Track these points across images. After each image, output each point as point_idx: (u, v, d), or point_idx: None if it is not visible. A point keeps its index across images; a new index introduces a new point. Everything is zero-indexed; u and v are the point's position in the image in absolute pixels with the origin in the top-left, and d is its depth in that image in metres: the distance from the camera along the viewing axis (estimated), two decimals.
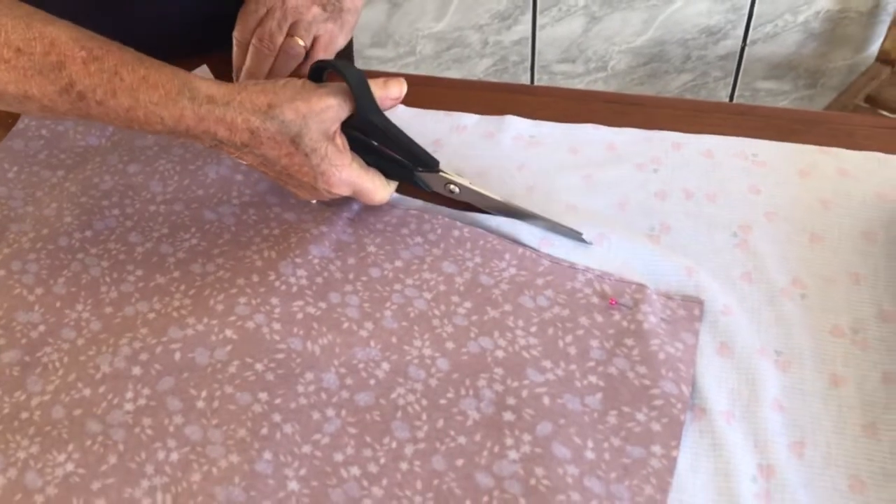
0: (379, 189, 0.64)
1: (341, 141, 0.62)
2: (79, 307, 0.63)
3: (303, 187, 0.63)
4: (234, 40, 0.72)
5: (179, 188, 0.71)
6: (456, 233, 0.66)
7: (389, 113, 0.63)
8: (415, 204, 0.69)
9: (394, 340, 0.60)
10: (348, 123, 0.62)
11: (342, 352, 0.59)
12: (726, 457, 0.53)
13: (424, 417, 0.56)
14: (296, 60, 0.71)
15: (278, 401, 0.56)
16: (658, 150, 0.71)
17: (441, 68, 1.86)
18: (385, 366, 0.59)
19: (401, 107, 0.76)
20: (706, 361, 0.58)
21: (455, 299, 0.62)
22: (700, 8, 1.66)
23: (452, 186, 0.66)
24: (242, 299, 0.62)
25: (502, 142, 0.73)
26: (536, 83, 1.85)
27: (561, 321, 0.60)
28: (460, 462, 0.54)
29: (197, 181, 0.72)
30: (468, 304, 0.62)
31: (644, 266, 0.63)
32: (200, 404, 0.57)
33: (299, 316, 0.61)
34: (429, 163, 0.65)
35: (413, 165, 0.65)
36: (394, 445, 0.55)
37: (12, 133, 0.77)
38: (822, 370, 0.58)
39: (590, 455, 0.53)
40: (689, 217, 0.67)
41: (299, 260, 0.64)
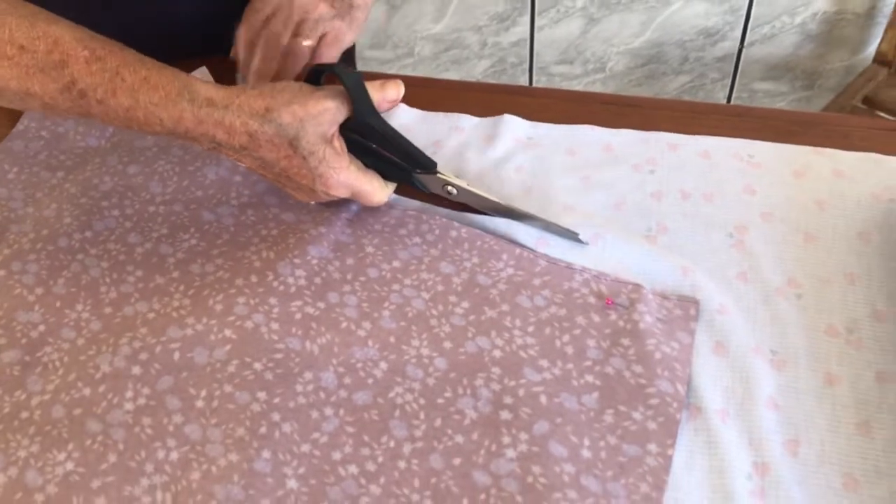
0: (377, 191, 0.64)
1: (339, 143, 0.62)
2: (79, 307, 0.63)
3: (301, 189, 0.63)
4: (241, 39, 0.71)
5: (179, 189, 0.71)
6: (454, 233, 0.67)
7: (388, 114, 0.63)
8: (413, 205, 0.70)
9: (392, 340, 0.60)
10: (346, 126, 0.62)
11: (340, 351, 0.60)
12: (721, 455, 0.54)
13: (422, 416, 0.56)
14: (302, 60, 0.71)
15: (277, 400, 0.57)
16: (655, 152, 0.72)
17: (439, 70, 1.87)
18: (383, 365, 0.59)
19: (401, 107, 0.76)
20: (702, 360, 0.58)
21: (453, 299, 0.62)
22: (698, 10, 1.66)
23: (450, 188, 0.66)
24: (241, 299, 0.62)
25: (500, 143, 0.73)
26: (535, 84, 1.85)
27: (558, 321, 0.61)
28: (458, 461, 0.54)
29: (196, 182, 0.72)
30: (466, 304, 0.62)
31: (640, 266, 0.64)
32: (200, 403, 0.57)
33: (298, 316, 0.61)
34: (426, 164, 0.65)
35: (411, 167, 0.65)
36: (392, 444, 0.55)
37: (12, 134, 0.77)
38: (817, 369, 0.58)
39: (586, 453, 0.54)
40: (686, 217, 0.67)
41: (298, 260, 0.64)
